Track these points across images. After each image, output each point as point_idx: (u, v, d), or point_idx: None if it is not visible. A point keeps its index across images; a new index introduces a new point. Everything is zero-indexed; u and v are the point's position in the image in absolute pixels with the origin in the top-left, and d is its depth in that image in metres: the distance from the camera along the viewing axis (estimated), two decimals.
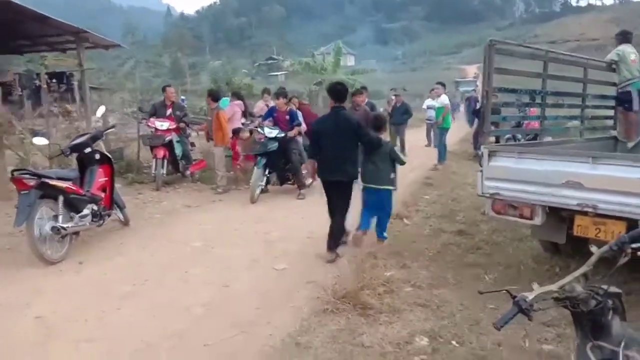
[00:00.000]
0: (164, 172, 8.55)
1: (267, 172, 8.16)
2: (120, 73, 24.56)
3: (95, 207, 5.52)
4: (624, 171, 3.78)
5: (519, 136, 7.27)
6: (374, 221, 5.58)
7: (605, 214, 3.89)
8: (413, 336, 3.48)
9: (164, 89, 9.37)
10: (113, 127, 7.27)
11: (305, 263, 5.09)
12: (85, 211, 5.34)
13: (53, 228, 4.90)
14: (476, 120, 20.05)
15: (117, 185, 6.47)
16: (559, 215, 4.41)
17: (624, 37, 6.10)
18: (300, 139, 8.66)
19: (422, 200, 8.02)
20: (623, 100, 6.09)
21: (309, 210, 7.37)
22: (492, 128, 5.46)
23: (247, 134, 8.95)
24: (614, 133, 6.49)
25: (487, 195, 4.62)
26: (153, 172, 8.54)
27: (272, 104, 10.14)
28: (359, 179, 5.42)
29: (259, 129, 8.36)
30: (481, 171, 4.64)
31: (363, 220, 5.48)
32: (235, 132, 8.89)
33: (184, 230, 6.33)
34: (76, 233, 5.33)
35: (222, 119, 8.52)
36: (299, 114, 9.12)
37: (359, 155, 5.43)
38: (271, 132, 8.06)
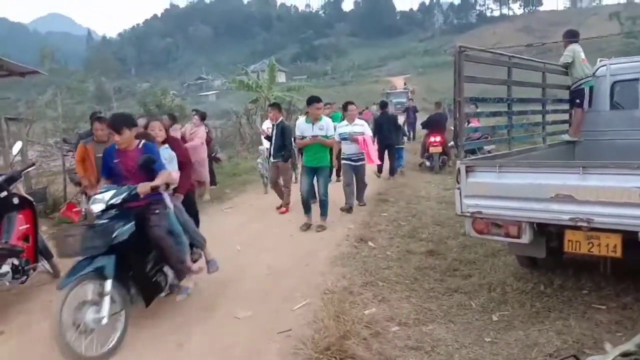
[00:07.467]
0: None
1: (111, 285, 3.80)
2: (40, 101, 22.74)
3: (16, 262, 4.60)
4: (619, 180, 3.49)
5: (487, 148, 7.03)
6: None
7: (600, 227, 3.60)
8: None
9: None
10: (33, 165, 6.29)
11: (271, 308, 4.43)
12: (5, 267, 4.42)
13: None
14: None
15: (42, 229, 5.57)
16: (545, 231, 4.11)
17: (574, 37, 6.01)
18: (169, 199, 4.54)
19: (381, 218, 7.61)
20: (575, 98, 5.97)
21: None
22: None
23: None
24: (565, 137, 6.31)
25: (467, 215, 4.24)
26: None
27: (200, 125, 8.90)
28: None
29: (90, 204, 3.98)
30: (459, 188, 4.27)
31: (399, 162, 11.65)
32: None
33: None
34: None
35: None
36: (170, 152, 4.94)
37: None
38: (103, 197, 3.91)
